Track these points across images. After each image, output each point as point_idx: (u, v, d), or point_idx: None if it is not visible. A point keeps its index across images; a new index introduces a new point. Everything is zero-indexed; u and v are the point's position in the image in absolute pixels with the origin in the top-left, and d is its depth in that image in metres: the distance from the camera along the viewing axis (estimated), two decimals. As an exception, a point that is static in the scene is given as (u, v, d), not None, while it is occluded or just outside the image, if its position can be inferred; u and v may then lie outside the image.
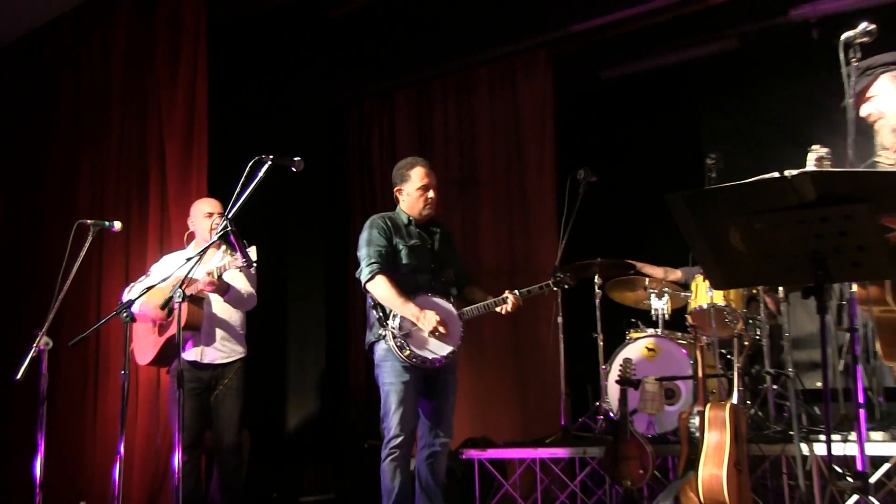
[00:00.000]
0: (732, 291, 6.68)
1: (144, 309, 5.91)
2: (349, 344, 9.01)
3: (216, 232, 5.17)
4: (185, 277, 5.14)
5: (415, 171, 5.59)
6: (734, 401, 5.92)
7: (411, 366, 5.32)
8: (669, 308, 7.20)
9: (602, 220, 7.69)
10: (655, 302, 7.19)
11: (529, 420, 8.07)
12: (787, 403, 6.38)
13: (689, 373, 6.58)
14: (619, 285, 7.40)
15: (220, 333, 6.06)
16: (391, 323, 5.32)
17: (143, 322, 5.95)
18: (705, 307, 6.59)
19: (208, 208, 6.23)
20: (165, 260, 6.35)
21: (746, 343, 6.92)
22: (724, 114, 8.71)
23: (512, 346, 8.34)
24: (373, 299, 5.43)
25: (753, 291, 6.80)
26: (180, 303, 5.06)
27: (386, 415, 5.36)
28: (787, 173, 2.86)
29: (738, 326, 6.84)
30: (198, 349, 6.05)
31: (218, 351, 6.03)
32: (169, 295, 5.16)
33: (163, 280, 5.75)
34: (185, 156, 7.15)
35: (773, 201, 2.85)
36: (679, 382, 6.78)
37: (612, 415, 6.66)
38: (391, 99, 9.43)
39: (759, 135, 8.07)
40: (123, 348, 5.23)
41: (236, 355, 6.19)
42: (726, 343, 6.84)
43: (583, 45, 8.68)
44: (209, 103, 7.19)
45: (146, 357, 6.12)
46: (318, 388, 8.87)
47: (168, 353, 6.00)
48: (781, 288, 6.29)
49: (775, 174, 3.11)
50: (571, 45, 8.64)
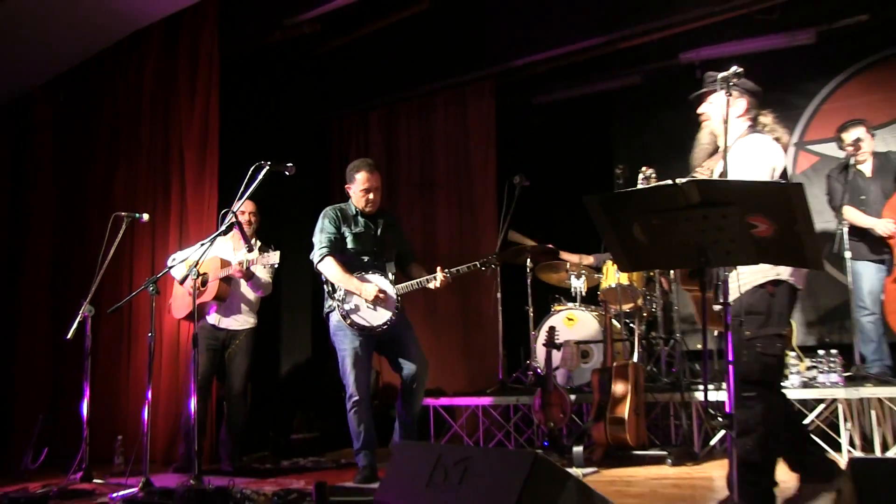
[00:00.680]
0: (635, 273, 6.77)
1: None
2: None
3: (225, 223, 5.22)
4: (197, 261, 5.25)
5: (359, 175, 5.43)
6: (635, 360, 6.03)
7: (360, 332, 5.29)
8: (585, 286, 7.29)
9: (533, 216, 7.75)
10: (574, 282, 7.28)
11: (474, 374, 8.11)
12: (675, 361, 6.53)
13: (600, 338, 6.66)
14: (545, 268, 7.47)
15: (238, 307, 6.18)
16: (337, 296, 5.30)
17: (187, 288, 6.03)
18: (613, 286, 6.68)
19: (243, 208, 6.19)
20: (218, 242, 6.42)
21: (645, 314, 7.06)
22: (630, 134, 8.80)
23: (461, 315, 8.38)
24: (324, 277, 5.40)
25: (651, 274, 6.91)
26: (195, 279, 5.17)
27: (343, 376, 5.35)
28: (678, 181, 2.93)
29: (639, 301, 6.95)
30: (218, 315, 6.22)
31: (234, 320, 6.20)
32: (187, 273, 5.39)
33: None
34: (200, 162, 7.14)
35: (667, 203, 2.89)
36: (592, 345, 6.87)
37: (539, 371, 6.72)
38: (366, 118, 9.41)
39: (656, 151, 8.14)
40: (150, 315, 5.29)
41: (248, 325, 6.37)
42: (629, 314, 6.96)
43: (520, 77, 8.72)
44: (220, 119, 7.18)
45: (181, 313, 6.35)
46: (305, 347, 8.87)
47: (199, 313, 6.19)
48: (673, 271, 6.38)
49: (669, 182, 3.18)
50: (511, 77, 8.69)
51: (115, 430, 6.80)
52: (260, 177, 4.99)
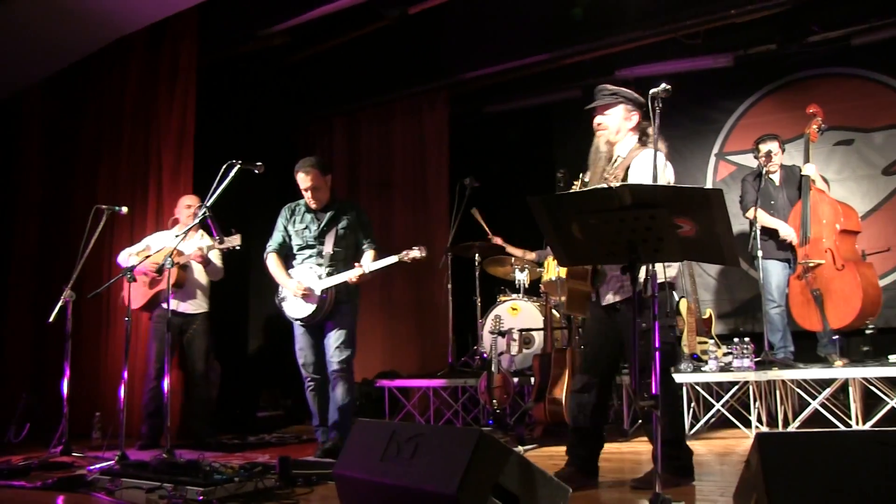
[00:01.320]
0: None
1: (143, 268, 5.97)
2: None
3: (198, 217, 5.19)
4: (173, 250, 5.19)
5: (297, 177, 5.23)
6: (572, 346, 6.06)
7: (294, 320, 5.26)
8: (528, 279, 7.32)
9: (484, 212, 7.76)
10: (518, 275, 7.30)
11: (425, 358, 8.13)
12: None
13: (541, 326, 6.70)
14: (492, 262, 7.49)
15: (193, 292, 6.10)
16: (279, 290, 5.30)
17: (138, 276, 5.90)
18: (554, 279, 6.70)
19: (189, 202, 6.30)
20: (157, 235, 6.41)
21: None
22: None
23: (415, 303, 8.38)
24: None
25: (587, 268, 6.95)
26: (170, 268, 5.09)
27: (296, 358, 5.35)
28: (612, 185, 2.95)
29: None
30: (175, 301, 6.06)
31: (190, 304, 6.11)
32: (162, 263, 5.27)
33: (157, 251, 5.97)
34: (176, 160, 7.06)
35: (603, 204, 2.90)
36: (534, 332, 6.91)
37: (485, 355, 6.74)
38: (330, 123, 9.38)
39: (594, 158, 8.20)
40: (127, 300, 5.23)
41: (203, 308, 6.30)
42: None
43: (472, 89, 8.76)
44: (196, 122, 7.11)
45: (137, 303, 6.13)
46: (271, 330, 8.79)
47: (154, 302, 6.15)
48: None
49: (604, 185, 3.20)
50: (463, 88, 8.72)
51: (94, 408, 6.72)
52: (231, 175, 4.94)
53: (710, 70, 7.93)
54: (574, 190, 4.03)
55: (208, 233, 5.57)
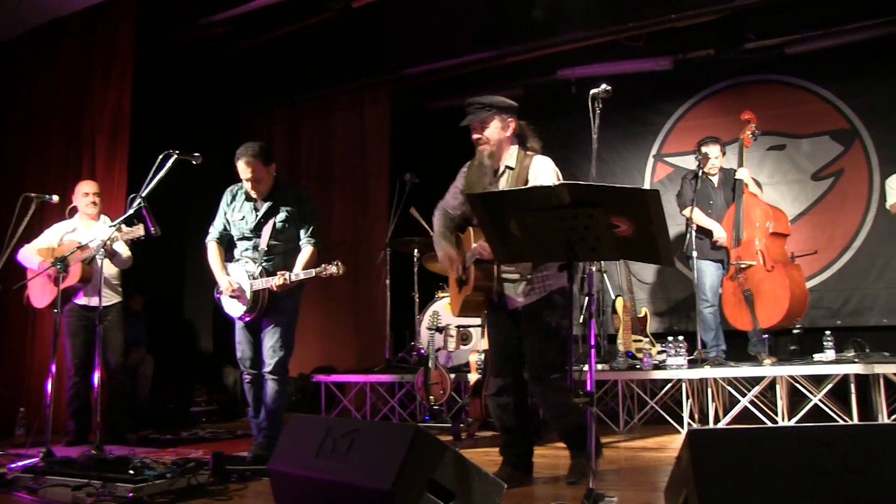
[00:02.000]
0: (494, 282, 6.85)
1: (42, 266, 5.78)
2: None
3: (133, 207, 5.00)
4: (105, 241, 5.05)
5: (238, 165, 4.83)
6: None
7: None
8: (466, 276, 7.34)
9: (422, 211, 7.75)
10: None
11: (363, 353, 8.10)
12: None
13: (479, 323, 6.73)
14: (431, 258, 7.47)
15: (103, 285, 5.84)
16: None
17: (35, 272, 5.77)
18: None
19: (86, 189, 6.11)
20: (54, 227, 6.17)
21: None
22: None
23: (352, 299, 8.35)
24: None
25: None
26: (102, 259, 4.96)
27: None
28: (551, 184, 2.97)
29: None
30: (87, 296, 5.94)
31: (101, 297, 5.81)
32: (93, 254, 5.09)
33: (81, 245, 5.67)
34: (111, 148, 6.87)
35: (541, 203, 2.92)
36: (471, 329, 6.94)
37: (422, 351, 6.74)
38: (271, 115, 9.28)
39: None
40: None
41: (116, 300, 6.11)
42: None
43: (415, 84, 8.75)
44: (132, 109, 6.91)
45: (43, 302, 5.95)
46: (207, 323, 8.69)
47: (63, 298, 5.71)
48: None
49: (544, 184, 3.22)
50: (406, 84, 8.71)
51: (18, 403, 6.51)
52: (168, 165, 4.82)
53: (649, 73, 8.07)
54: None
55: (143, 223, 5.39)
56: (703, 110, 8.16)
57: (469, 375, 6.09)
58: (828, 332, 5.95)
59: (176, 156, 4.82)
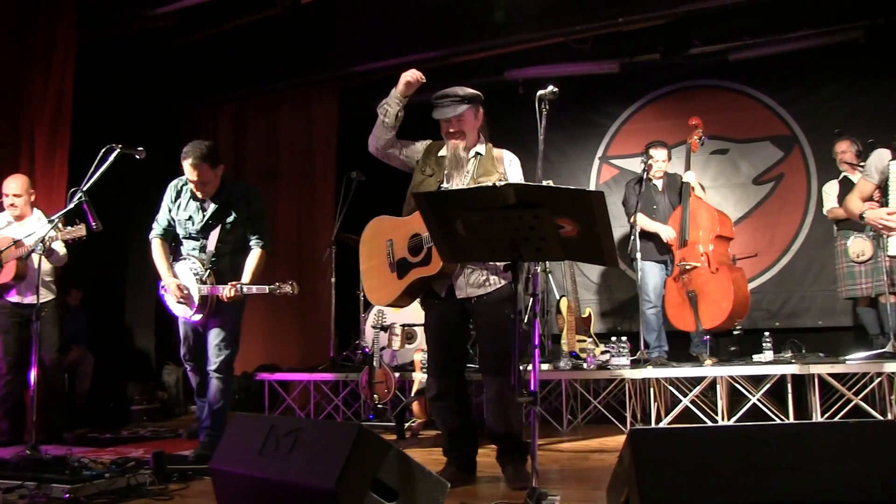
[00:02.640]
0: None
1: None
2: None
3: (73, 202, 4.88)
4: (44, 236, 4.94)
5: (184, 165, 4.65)
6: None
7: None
8: (412, 275, 7.34)
9: (368, 209, 7.71)
10: (403, 270, 7.31)
11: (307, 352, 8.06)
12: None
13: (423, 322, 6.73)
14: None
15: (36, 282, 5.69)
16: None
17: None
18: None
19: (6, 189, 5.89)
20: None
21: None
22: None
23: (297, 296, 8.04)
24: None
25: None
26: (41, 253, 4.85)
27: None
28: (497, 184, 2.99)
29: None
30: (20, 294, 5.81)
31: (34, 295, 5.64)
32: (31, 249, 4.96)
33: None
34: (51, 142, 6.67)
35: (487, 203, 2.93)
36: (416, 328, 6.94)
37: (367, 350, 6.73)
38: (216, 110, 9.15)
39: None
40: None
41: (50, 296, 5.95)
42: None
43: (362, 82, 8.69)
44: (74, 101, 6.75)
45: None
46: (149, 321, 8.55)
47: None
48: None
49: (489, 184, 3.24)
50: (353, 81, 8.66)
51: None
52: (111, 159, 4.72)
53: (596, 75, 8.16)
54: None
55: (83, 219, 5.25)
56: (649, 114, 8.29)
57: (414, 374, 6.09)
58: (766, 333, 6.10)
59: (119, 150, 4.73)
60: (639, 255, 6.43)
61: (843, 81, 7.57)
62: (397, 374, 6.34)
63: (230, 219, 4.82)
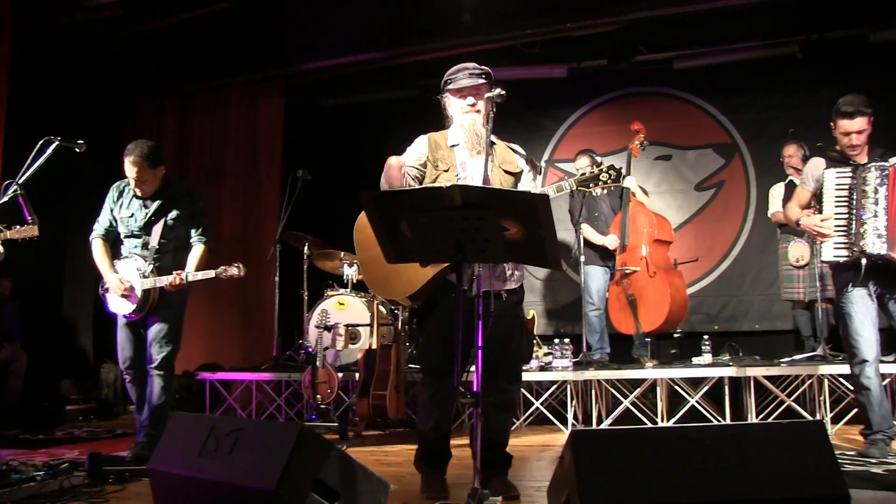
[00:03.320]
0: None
1: None
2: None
3: (8, 194, 4.76)
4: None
5: (124, 162, 4.78)
6: (397, 342, 6.11)
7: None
8: (356, 275, 7.33)
9: (314, 207, 7.69)
10: (347, 270, 7.28)
11: (249, 351, 7.99)
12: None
13: (368, 322, 6.72)
14: (321, 256, 7.42)
15: None
16: (103, 279, 4.96)
17: None
18: (382, 276, 6.71)
19: None
20: None
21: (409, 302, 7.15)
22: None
23: (240, 295, 8.21)
24: None
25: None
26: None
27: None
28: (443, 185, 2.99)
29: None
30: None
31: None
32: None
33: None
34: (-15, 133, 6.55)
35: (433, 204, 2.92)
36: (360, 328, 6.92)
37: (310, 350, 6.69)
38: (162, 105, 9.00)
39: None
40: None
41: None
42: (394, 301, 7.02)
43: (310, 80, 8.65)
44: (9, 91, 6.57)
45: None
46: (87, 320, 8.38)
47: None
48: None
49: (435, 185, 3.24)
50: (301, 79, 8.61)
51: None
52: (49, 152, 4.61)
53: (545, 79, 8.23)
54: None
55: (19, 213, 5.12)
56: (595, 118, 8.40)
57: (357, 375, 6.07)
58: (706, 336, 6.23)
59: (58, 142, 4.62)
60: (582, 259, 6.52)
61: (782, 92, 7.77)
62: (340, 375, 6.31)
63: (172, 215, 4.93)
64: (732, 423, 5.36)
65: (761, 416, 5.77)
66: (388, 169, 3.76)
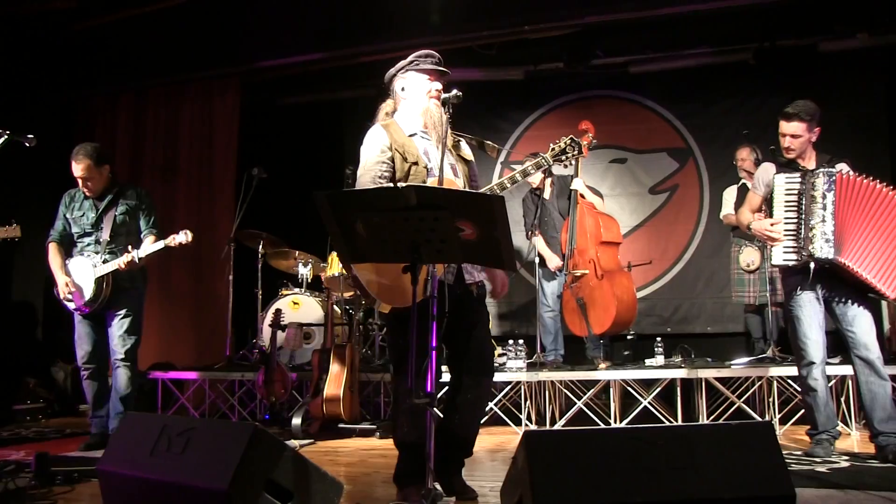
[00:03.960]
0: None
1: None
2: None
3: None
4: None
5: (72, 161, 5.16)
6: (352, 342, 6.11)
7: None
8: (311, 274, 7.31)
9: (269, 206, 7.64)
10: (301, 269, 7.27)
11: (202, 350, 7.89)
12: (388, 345, 6.69)
13: (322, 321, 6.70)
14: (276, 255, 7.39)
15: None
16: None
17: None
18: (337, 275, 6.72)
19: None
20: None
21: (364, 301, 7.15)
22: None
23: (193, 294, 8.12)
24: None
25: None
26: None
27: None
28: (399, 185, 2.99)
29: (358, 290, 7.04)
30: None
31: None
32: None
33: None
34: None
35: (388, 204, 2.93)
36: (314, 328, 6.90)
37: (264, 349, 6.64)
38: (115, 100, 8.84)
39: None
40: None
41: None
42: (350, 301, 7.03)
43: (266, 78, 8.58)
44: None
45: None
46: (36, 319, 8.21)
47: None
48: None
49: (391, 185, 3.24)
50: (256, 77, 8.52)
51: None
52: (-3, 145, 4.53)
53: (501, 81, 8.28)
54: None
55: None
56: (551, 121, 8.47)
57: (312, 374, 6.05)
58: (659, 338, 6.32)
59: (7, 136, 4.55)
60: (537, 260, 6.56)
61: (736, 98, 7.91)
62: (294, 374, 6.28)
63: (122, 210, 5.28)
64: (684, 424, 5.45)
65: (712, 417, 5.87)
66: None
